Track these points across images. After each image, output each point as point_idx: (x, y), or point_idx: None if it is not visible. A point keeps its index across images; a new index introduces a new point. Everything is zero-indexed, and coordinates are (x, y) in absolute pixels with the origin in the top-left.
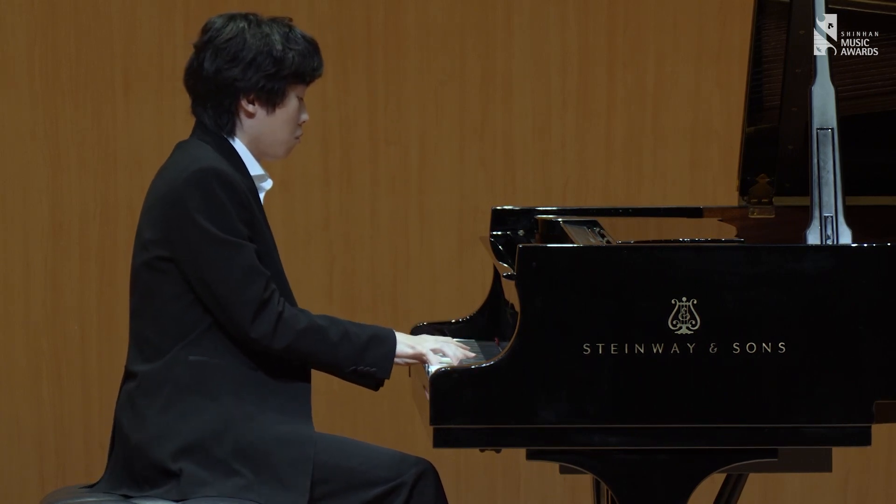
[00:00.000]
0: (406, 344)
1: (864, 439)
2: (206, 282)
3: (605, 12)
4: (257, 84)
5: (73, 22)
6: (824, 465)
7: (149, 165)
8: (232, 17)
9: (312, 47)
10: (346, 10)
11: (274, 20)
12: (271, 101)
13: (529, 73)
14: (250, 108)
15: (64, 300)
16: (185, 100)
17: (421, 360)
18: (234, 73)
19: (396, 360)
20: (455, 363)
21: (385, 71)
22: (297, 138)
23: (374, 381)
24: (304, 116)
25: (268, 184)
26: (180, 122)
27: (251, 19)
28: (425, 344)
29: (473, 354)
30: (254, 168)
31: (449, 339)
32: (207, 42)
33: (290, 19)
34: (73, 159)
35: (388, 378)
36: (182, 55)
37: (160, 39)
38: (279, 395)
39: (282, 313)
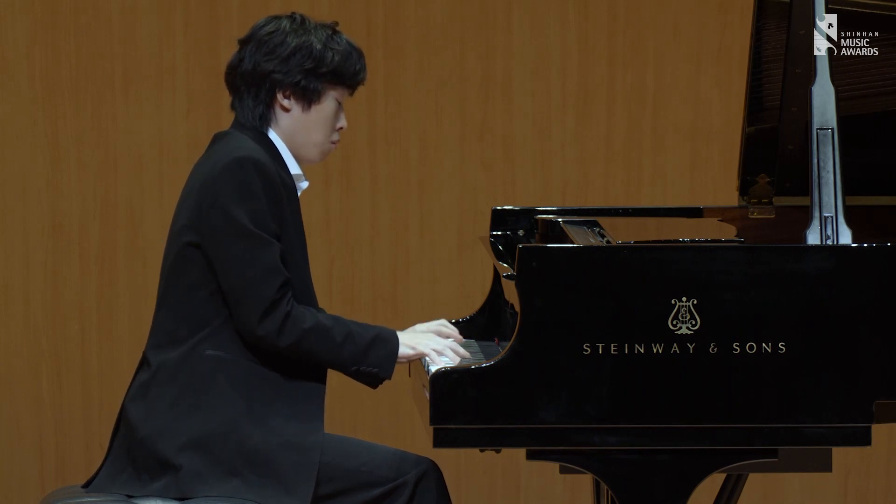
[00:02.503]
0: (408, 345)
1: (864, 439)
2: (226, 271)
3: (605, 12)
4: (294, 79)
5: (73, 22)
6: (824, 465)
7: (149, 165)
8: (277, 17)
9: (356, 52)
10: (346, 10)
11: (320, 23)
12: (307, 98)
13: (529, 73)
14: (286, 102)
15: (64, 300)
16: (184, 99)
17: (426, 358)
18: (272, 65)
19: (398, 361)
20: (455, 363)
21: (385, 71)
22: (332, 143)
23: (375, 380)
24: (342, 122)
25: (304, 184)
26: (180, 121)
27: (296, 18)
28: (428, 344)
29: (469, 356)
30: (293, 167)
31: (451, 334)
32: (250, 37)
33: (336, 23)
34: (73, 159)
35: (390, 379)
36: (182, 55)
37: (160, 39)
38: (292, 395)
39: (290, 313)
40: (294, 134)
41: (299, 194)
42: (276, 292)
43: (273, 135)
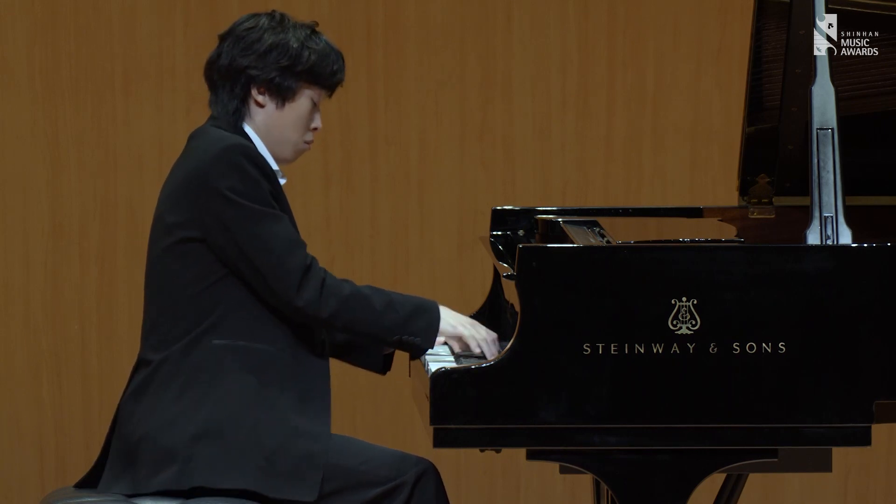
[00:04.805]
0: (448, 322)
1: (864, 439)
2: (248, 256)
3: (605, 12)
4: (269, 75)
5: (73, 22)
6: (824, 465)
7: (149, 165)
8: (257, 14)
9: (335, 53)
10: (346, 10)
11: (299, 22)
12: (281, 95)
13: (529, 73)
14: (260, 98)
15: (64, 300)
16: (184, 99)
17: (460, 342)
18: (248, 61)
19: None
20: (489, 358)
21: (385, 71)
22: (306, 143)
23: (417, 350)
24: (317, 123)
25: (282, 180)
26: (180, 121)
27: (275, 16)
28: (469, 329)
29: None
30: (271, 162)
31: (484, 331)
32: (229, 33)
33: (316, 23)
34: (73, 159)
35: (433, 348)
36: (182, 55)
37: (160, 39)
38: (299, 380)
39: (325, 280)
40: (268, 130)
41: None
42: (304, 259)
43: (248, 130)
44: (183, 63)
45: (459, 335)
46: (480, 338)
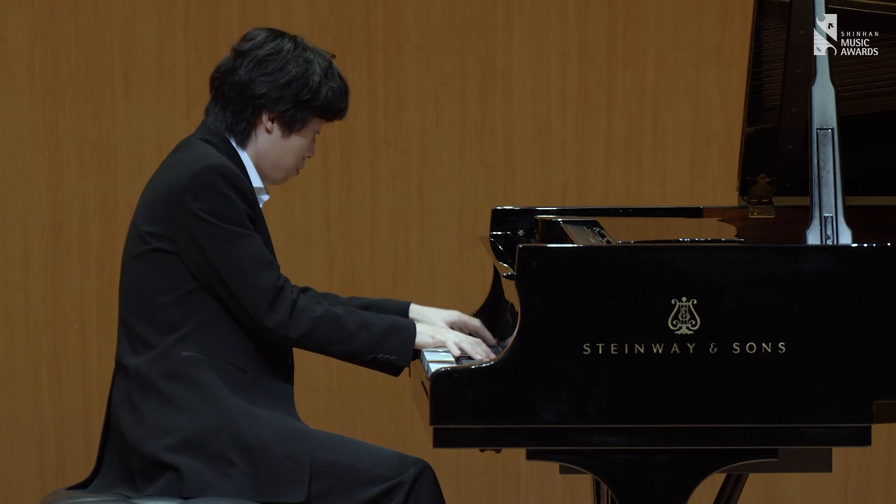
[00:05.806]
0: (426, 334)
1: (864, 439)
2: (220, 275)
3: (605, 12)
4: (284, 106)
5: (73, 22)
6: (824, 465)
7: (149, 165)
8: (279, 34)
9: (346, 89)
10: (346, 10)
11: (318, 51)
12: (290, 126)
13: (529, 73)
14: (269, 125)
15: (64, 300)
16: (184, 99)
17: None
18: (267, 88)
19: (417, 348)
20: (477, 358)
21: (385, 71)
22: (297, 170)
23: (394, 368)
24: (312, 152)
25: (265, 197)
26: (180, 121)
27: (298, 42)
28: (449, 336)
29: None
30: (255, 180)
31: (466, 336)
32: (249, 50)
33: (334, 56)
34: (73, 159)
35: (408, 366)
36: (182, 55)
37: (160, 39)
38: (266, 393)
39: (296, 301)
40: (267, 155)
41: (261, 206)
42: (276, 280)
43: (244, 152)
44: (183, 63)
45: (441, 341)
46: (458, 339)
